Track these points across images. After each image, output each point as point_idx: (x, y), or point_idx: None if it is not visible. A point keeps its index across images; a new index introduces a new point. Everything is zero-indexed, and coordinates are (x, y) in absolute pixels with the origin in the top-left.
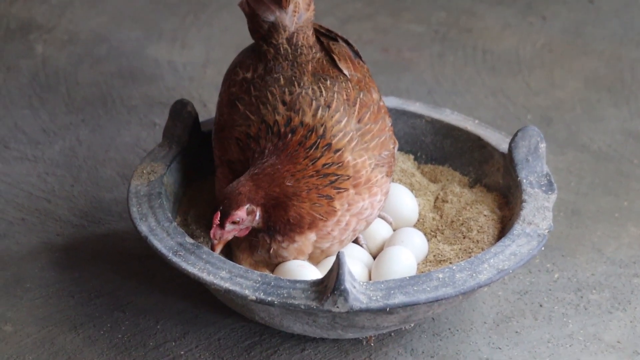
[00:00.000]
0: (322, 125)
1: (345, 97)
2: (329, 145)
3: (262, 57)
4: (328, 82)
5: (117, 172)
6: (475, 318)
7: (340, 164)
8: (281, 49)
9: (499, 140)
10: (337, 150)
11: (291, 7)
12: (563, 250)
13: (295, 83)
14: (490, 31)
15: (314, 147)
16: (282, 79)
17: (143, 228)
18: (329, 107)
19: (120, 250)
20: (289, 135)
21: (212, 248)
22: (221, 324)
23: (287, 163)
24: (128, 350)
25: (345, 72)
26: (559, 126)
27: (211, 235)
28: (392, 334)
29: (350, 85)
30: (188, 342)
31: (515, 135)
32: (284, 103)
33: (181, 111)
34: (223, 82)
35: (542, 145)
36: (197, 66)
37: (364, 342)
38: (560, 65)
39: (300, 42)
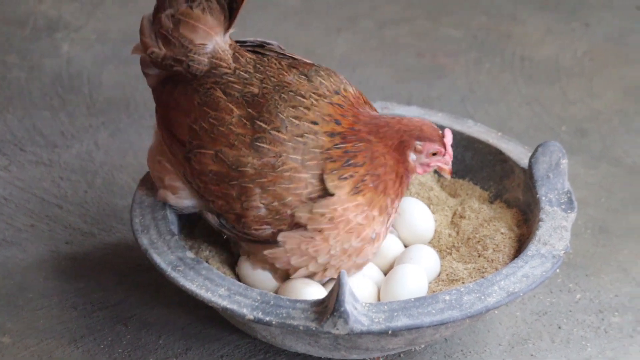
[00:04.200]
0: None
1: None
2: None
3: (227, 89)
4: (312, 73)
5: (133, 178)
6: (490, 339)
7: None
8: (241, 71)
9: (521, 155)
10: None
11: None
12: (587, 269)
13: (291, 92)
14: (531, 37)
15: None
16: (286, 98)
17: (144, 241)
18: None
19: (128, 260)
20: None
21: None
22: (225, 341)
23: None
24: None
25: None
26: (593, 138)
27: (449, 162)
28: (402, 354)
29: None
30: (190, 358)
31: (536, 150)
32: (293, 107)
33: None
34: (207, 139)
35: (564, 161)
36: None
37: None
38: (600, 74)
39: (246, 58)
